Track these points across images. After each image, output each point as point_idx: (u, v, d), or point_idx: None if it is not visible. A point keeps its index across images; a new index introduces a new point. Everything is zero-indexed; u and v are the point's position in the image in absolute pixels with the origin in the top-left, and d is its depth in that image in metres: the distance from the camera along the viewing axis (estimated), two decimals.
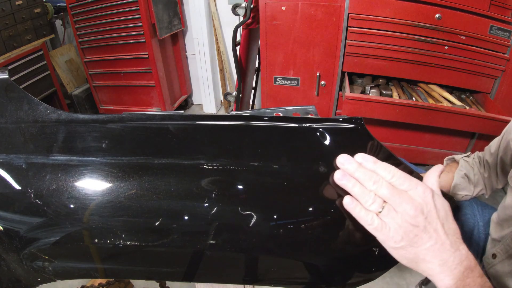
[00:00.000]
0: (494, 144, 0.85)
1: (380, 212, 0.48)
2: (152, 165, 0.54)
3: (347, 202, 0.50)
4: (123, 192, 0.53)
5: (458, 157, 0.92)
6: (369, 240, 0.54)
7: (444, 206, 0.48)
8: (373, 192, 0.48)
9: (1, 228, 0.53)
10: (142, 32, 2.60)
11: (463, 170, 0.86)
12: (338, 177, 0.50)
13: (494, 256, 0.76)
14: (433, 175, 0.53)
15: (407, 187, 0.47)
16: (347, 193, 0.50)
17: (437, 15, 1.60)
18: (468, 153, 0.92)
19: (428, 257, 0.47)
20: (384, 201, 0.48)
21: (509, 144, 0.76)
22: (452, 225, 0.48)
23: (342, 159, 0.50)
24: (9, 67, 2.45)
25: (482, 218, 0.86)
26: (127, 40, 2.69)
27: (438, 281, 0.47)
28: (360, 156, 0.51)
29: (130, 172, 0.53)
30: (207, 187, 0.53)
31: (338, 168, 0.51)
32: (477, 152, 0.92)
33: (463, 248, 0.47)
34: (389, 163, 0.59)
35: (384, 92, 1.77)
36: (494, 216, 0.80)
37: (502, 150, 0.80)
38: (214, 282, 0.70)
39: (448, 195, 0.79)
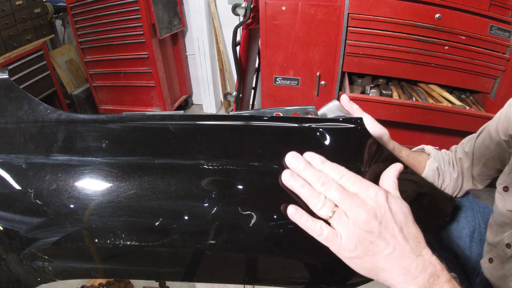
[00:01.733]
0: (468, 143, 0.83)
1: (330, 217, 0.44)
2: (152, 165, 0.54)
3: (291, 212, 0.46)
4: (123, 192, 0.53)
5: (428, 148, 0.88)
6: None
7: (402, 209, 0.45)
8: (323, 194, 0.45)
9: (1, 228, 0.53)
10: (142, 32, 2.60)
11: (435, 163, 0.81)
12: (286, 178, 0.47)
13: (490, 260, 0.75)
14: (390, 175, 0.50)
15: (357, 189, 0.44)
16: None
17: (437, 15, 1.60)
18: (437, 147, 0.88)
19: (387, 265, 0.43)
20: (335, 206, 0.44)
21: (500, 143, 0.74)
22: (412, 229, 0.45)
23: (290, 157, 0.48)
24: (9, 67, 2.45)
25: (484, 220, 0.85)
26: (127, 40, 2.68)
27: None
28: (308, 155, 0.48)
29: (130, 172, 0.53)
30: (207, 187, 0.53)
31: (287, 168, 0.48)
32: (444, 150, 0.89)
33: (426, 253, 0.44)
34: (389, 164, 0.59)
35: (384, 92, 1.77)
36: (491, 220, 0.79)
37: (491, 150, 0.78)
38: (214, 282, 0.70)
39: (448, 195, 0.78)
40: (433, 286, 0.42)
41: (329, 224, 0.46)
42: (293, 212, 0.47)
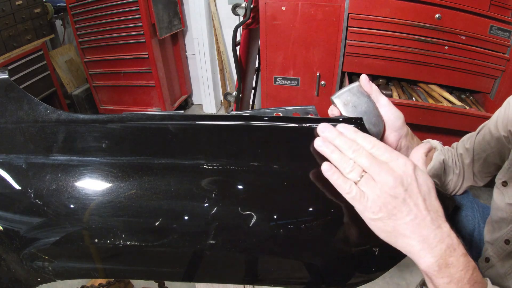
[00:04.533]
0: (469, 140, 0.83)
1: (358, 181, 0.47)
2: (152, 165, 0.54)
3: (325, 168, 0.49)
4: (123, 192, 0.53)
5: (434, 142, 0.88)
6: (370, 240, 0.54)
7: (427, 182, 0.47)
8: (353, 160, 0.47)
9: (1, 228, 0.53)
10: (142, 32, 2.60)
11: (442, 156, 0.81)
12: (318, 144, 0.50)
13: (487, 260, 0.75)
14: (419, 152, 0.53)
15: (387, 158, 0.46)
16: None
17: (437, 15, 1.60)
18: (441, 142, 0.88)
19: (408, 232, 0.45)
20: (363, 171, 0.47)
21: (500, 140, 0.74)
22: (435, 202, 0.47)
23: (322, 127, 0.50)
24: (9, 67, 2.45)
25: (483, 220, 0.85)
26: (127, 40, 2.69)
27: (418, 258, 0.45)
28: (342, 126, 0.50)
29: (130, 172, 0.53)
30: (207, 187, 0.53)
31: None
32: (447, 146, 0.88)
33: (445, 226, 0.46)
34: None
35: (384, 92, 1.77)
36: (489, 218, 0.79)
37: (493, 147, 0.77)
38: (214, 282, 0.70)
39: (447, 195, 0.78)
40: (449, 257, 0.44)
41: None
42: (327, 169, 0.49)
